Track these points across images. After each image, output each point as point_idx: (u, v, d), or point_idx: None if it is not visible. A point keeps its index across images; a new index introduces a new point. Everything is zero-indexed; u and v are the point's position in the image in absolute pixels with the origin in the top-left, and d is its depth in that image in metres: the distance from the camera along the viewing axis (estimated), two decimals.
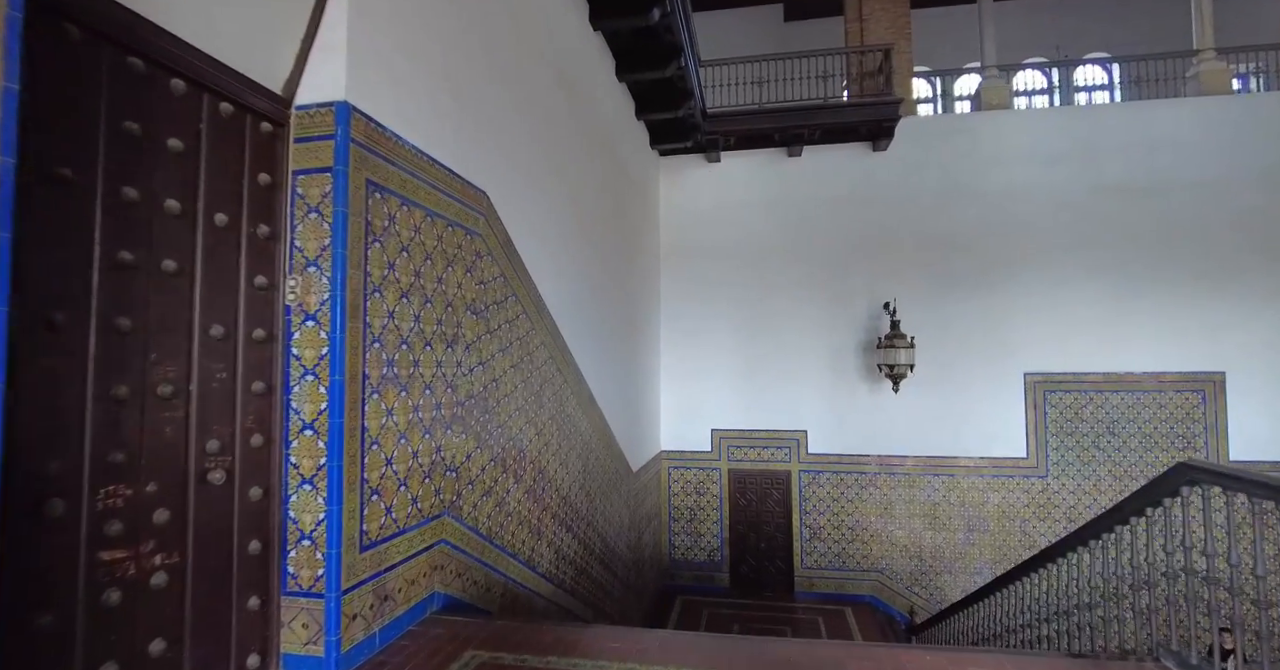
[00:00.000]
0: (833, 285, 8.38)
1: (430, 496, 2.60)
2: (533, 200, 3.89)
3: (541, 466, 3.87)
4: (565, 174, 4.57)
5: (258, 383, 2.02)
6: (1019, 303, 7.99)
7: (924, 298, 8.13)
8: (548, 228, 4.15)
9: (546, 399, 3.97)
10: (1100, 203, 7.88)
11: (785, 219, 8.53)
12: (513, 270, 3.46)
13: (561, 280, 4.44)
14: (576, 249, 4.84)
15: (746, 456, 8.46)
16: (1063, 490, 7.81)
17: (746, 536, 8.41)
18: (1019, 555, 7.82)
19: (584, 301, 5.06)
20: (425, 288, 2.58)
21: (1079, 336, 7.85)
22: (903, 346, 7.60)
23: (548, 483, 3.98)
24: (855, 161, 8.41)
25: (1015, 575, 4.38)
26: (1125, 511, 3.00)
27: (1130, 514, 2.96)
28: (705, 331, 8.63)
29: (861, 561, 8.15)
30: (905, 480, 8.11)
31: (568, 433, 4.41)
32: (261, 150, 2.07)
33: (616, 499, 5.92)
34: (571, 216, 4.72)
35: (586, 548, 4.86)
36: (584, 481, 4.79)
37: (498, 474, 3.24)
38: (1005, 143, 8.13)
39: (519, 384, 3.53)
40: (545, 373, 3.96)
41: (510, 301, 3.42)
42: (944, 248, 8.17)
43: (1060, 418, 7.86)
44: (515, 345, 3.48)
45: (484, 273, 3.11)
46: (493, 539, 3.18)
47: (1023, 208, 8.03)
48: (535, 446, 3.77)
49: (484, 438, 3.08)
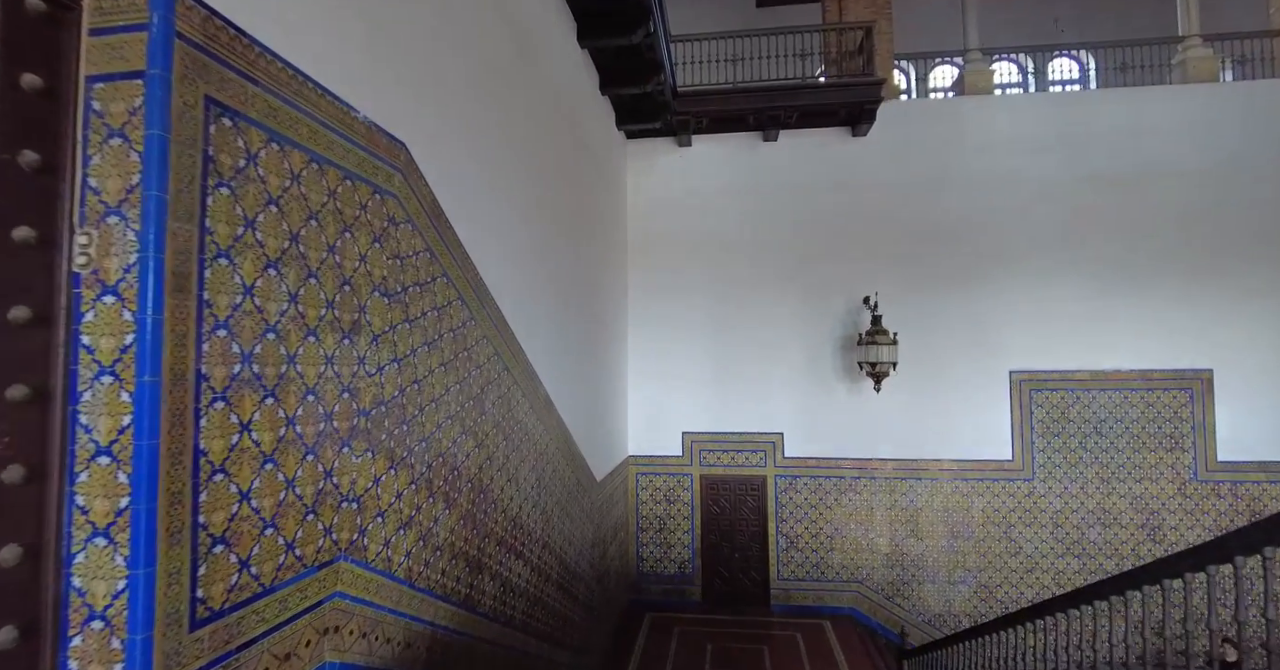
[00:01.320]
0: (810, 279, 7.89)
1: (316, 538, 1.94)
2: (473, 165, 3.23)
3: (483, 485, 3.21)
4: (516, 142, 3.92)
5: (17, 388, 1.34)
6: (1005, 297, 7.61)
7: (905, 292, 7.69)
8: (494, 201, 3.50)
9: (490, 403, 3.32)
10: (1087, 193, 7.55)
11: (760, 208, 8.00)
12: (443, 246, 2.80)
13: (512, 265, 3.79)
14: (532, 231, 4.20)
15: (720, 461, 7.91)
16: (1049, 494, 7.45)
17: (720, 546, 7.85)
18: (1004, 562, 7.45)
19: (541, 292, 4.41)
20: (308, 257, 1.92)
21: (1066, 332, 7.51)
22: (885, 343, 7.14)
23: (492, 503, 3.33)
24: (834, 147, 7.93)
25: (1041, 611, 3.71)
26: (1180, 564, 2.49)
27: (1187, 569, 2.46)
28: (676, 328, 8.05)
29: (841, 572, 7.67)
30: (886, 485, 7.65)
31: (518, 442, 3.76)
32: (27, 38, 1.38)
33: (578, 513, 5.29)
34: (525, 192, 4.07)
35: (542, 574, 4.21)
36: (539, 497, 4.14)
37: (421, 499, 2.58)
38: (990, 129, 7.74)
39: (452, 386, 2.87)
40: (489, 372, 3.31)
41: (440, 284, 2.76)
42: (927, 240, 7.75)
43: (1046, 417, 7.50)
44: (447, 339, 2.83)
45: (401, 245, 2.45)
46: (414, 581, 2.52)
47: (1008, 198, 7.66)
48: (475, 461, 3.12)
49: (401, 455, 2.42)
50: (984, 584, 7.47)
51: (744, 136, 8.01)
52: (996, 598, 7.45)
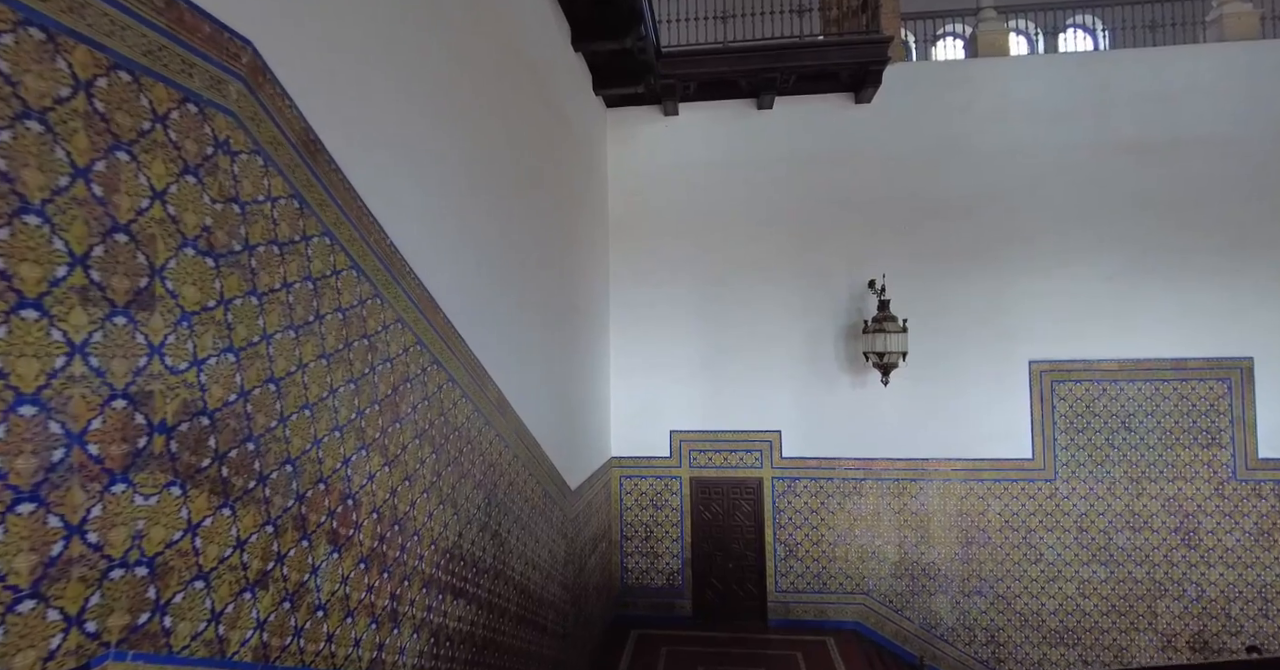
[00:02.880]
0: (809, 261, 7.16)
1: (45, 636, 1.20)
2: (386, 98, 2.48)
3: (398, 514, 2.48)
4: (456, 86, 3.16)
5: None
6: (1023, 280, 6.91)
7: (914, 275, 6.98)
8: (417, 150, 2.74)
9: (409, 408, 2.58)
10: (1112, 163, 6.83)
11: (754, 183, 7.26)
12: (324, 194, 2.05)
13: (449, 234, 3.05)
14: (481, 196, 3.45)
15: (711, 462, 7.20)
16: (1073, 495, 6.78)
17: (712, 556, 7.15)
18: (1024, 570, 6.79)
19: (494, 271, 3.67)
20: (23, 183, 1.17)
21: (1091, 318, 6.81)
22: (894, 330, 6.43)
23: (413, 536, 2.59)
24: (835, 115, 7.18)
25: None
26: None
27: None
28: (662, 316, 7.31)
29: (845, 582, 6.99)
30: (894, 487, 6.97)
31: (455, 454, 3.03)
32: None
33: (546, 529, 4.56)
34: (469, 148, 3.31)
35: (494, 610, 3.49)
36: (488, 519, 3.41)
37: (286, 544, 1.85)
38: (1007, 94, 7.01)
39: (343, 386, 2.13)
40: (406, 367, 2.57)
41: (317, 246, 2.02)
42: (937, 217, 7.03)
43: (1070, 411, 6.82)
44: (332, 322, 2.08)
45: (243, 185, 1.71)
46: (275, 660, 1.79)
47: (1026, 170, 6.94)
48: (384, 484, 2.38)
49: (241, 487, 1.68)
50: (1002, 594, 6.81)
51: (736, 104, 7.25)
52: (1015, 609, 6.79)
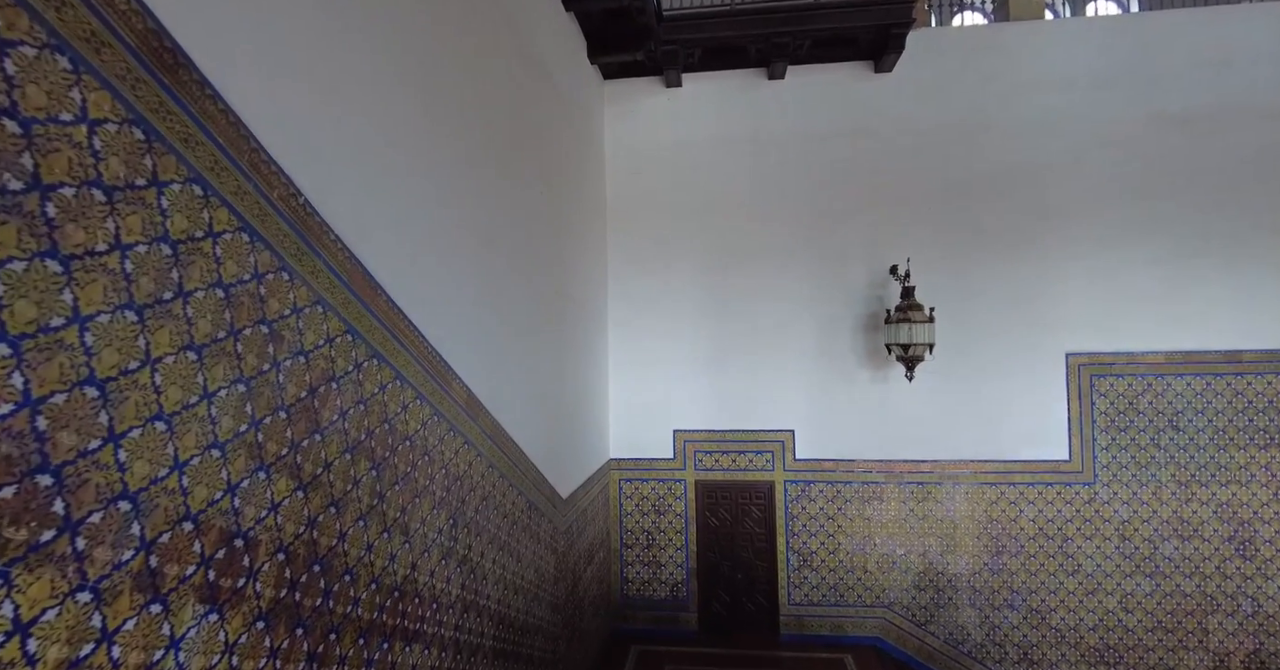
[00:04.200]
0: (825, 245, 6.57)
1: None
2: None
3: (319, 551, 1.93)
4: (410, 11, 2.59)
5: None
6: (1059, 265, 6.30)
7: (939, 261, 6.38)
8: (352, 82, 2.18)
9: (335, 415, 2.03)
10: (1159, 136, 6.21)
11: (764, 160, 6.66)
12: (192, 127, 1.49)
13: (399, 202, 2.49)
14: (444, 156, 2.88)
15: (718, 464, 6.64)
16: (1114, 500, 6.20)
17: (719, 566, 6.61)
18: (1060, 582, 6.21)
19: (465, 251, 3.11)
20: None
21: (1134, 306, 6.21)
22: (920, 320, 5.84)
23: (344, 576, 2.04)
24: (853, 85, 6.57)
25: None
26: None
27: None
28: (664, 307, 6.74)
29: (864, 594, 6.44)
30: (918, 491, 6.40)
31: (406, 469, 2.48)
32: None
33: (530, 545, 4.02)
34: (432, 101, 2.75)
35: (462, 649, 2.95)
36: (452, 543, 2.86)
37: (118, 615, 1.30)
38: (1041, 62, 6.38)
39: (225, 388, 1.57)
40: (331, 364, 2.02)
41: (177, 195, 1.45)
42: (964, 197, 6.42)
43: (1111, 409, 6.22)
44: (206, 302, 1.53)
45: (28, 94, 1.14)
46: None
47: (1064, 144, 6.32)
48: (292, 516, 1.82)
49: (20, 545, 1.13)
50: (1035, 608, 6.24)
51: (744, 74, 6.65)
52: (1051, 624, 6.22)
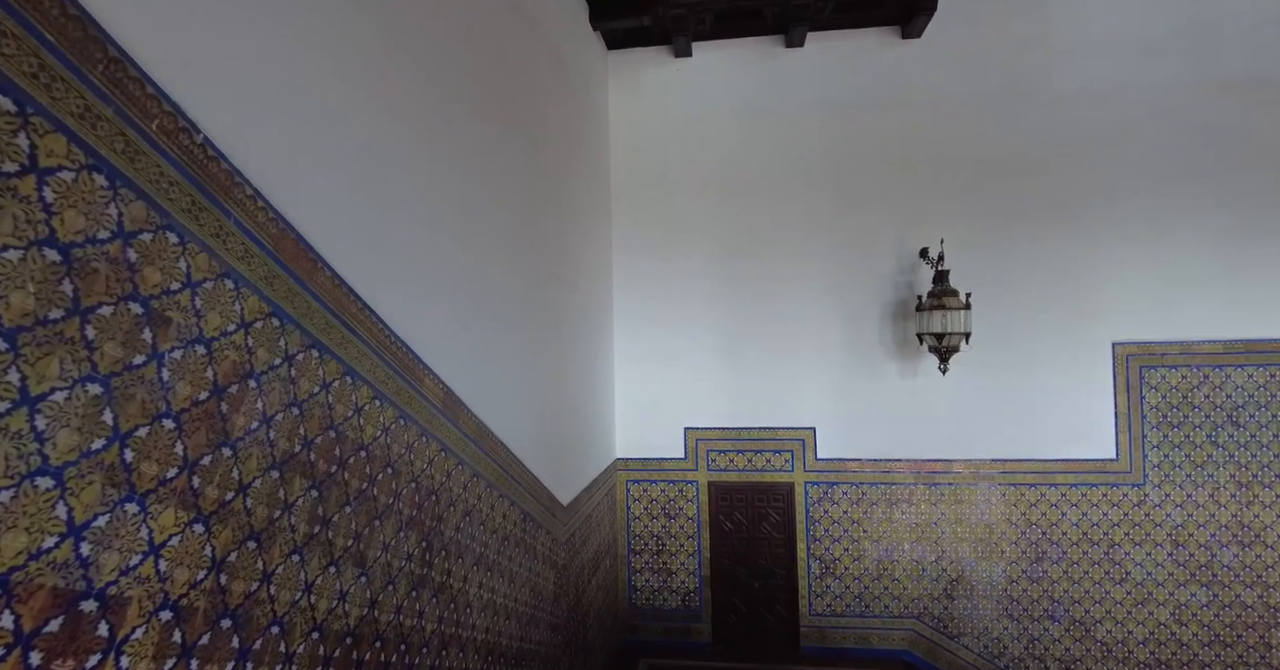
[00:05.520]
0: (848, 227, 6.06)
1: None
2: None
3: (233, 598, 1.47)
4: None
5: None
6: (1107, 247, 5.77)
7: (973, 244, 5.85)
8: None
9: (254, 421, 1.56)
10: (1219, 106, 5.65)
11: (781, 136, 6.15)
12: None
13: (346, 152, 2.01)
14: (409, 109, 2.40)
15: (733, 464, 6.17)
16: (1166, 503, 5.68)
17: (735, 573, 6.15)
18: (1106, 592, 5.71)
19: (447, 226, 2.64)
20: None
21: (1189, 291, 5.67)
22: (955, 307, 5.33)
23: (269, 627, 1.58)
24: (879, 53, 6.03)
25: None
26: None
27: None
28: (673, 296, 6.26)
29: (891, 604, 5.96)
30: (951, 493, 5.90)
31: (361, 486, 2.02)
32: None
33: (526, 561, 3.56)
34: (396, 24, 2.27)
35: None
36: (425, 570, 2.40)
37: None
38: (1087, 23, 5.82)
39: (64, 391, 1.11)
40: (247, 355, 1.55)
41: None
42: (1002, 173, 5.89)
43: (1163, 404, 5.70)
44: (21, 269, 1.06)
45: None
46: None
47: (1112, 115, 5.77)
48: (185, 557, 1.36)
49: None
50: (1079, 619, 5.75)
51: (759, 42, 6.13)
52: (1096, 637, 5.73)
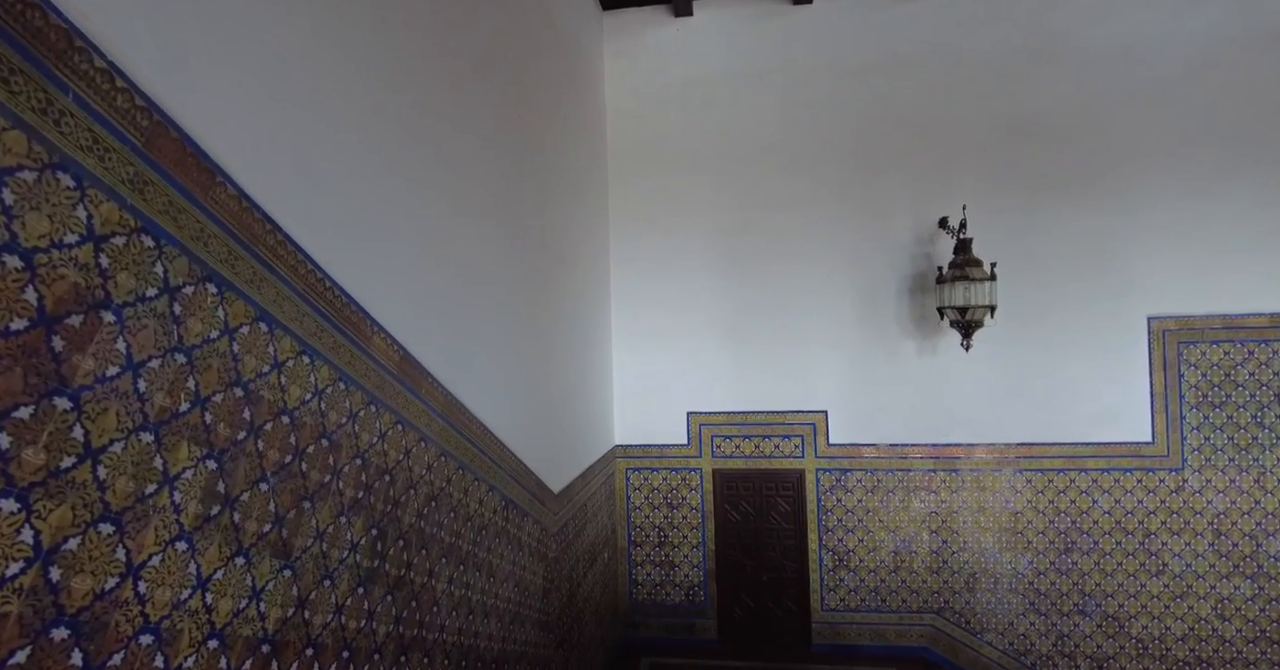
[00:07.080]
0: (861, 198, 5.65)
1: None
2: None
3: (72, 605, 1.09)
4: None
5: None
6: (1141, 214, 5.34)
7: (996, 212, 5.44)
8: None
9: (104, 362, 1.19)
10: (1265, 60, 5.20)
11: (788, 100, 5.74)
12: None
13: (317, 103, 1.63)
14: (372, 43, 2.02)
15: (739, 451, 5.80)
16: (1207, 489, 5.28)
17: (741, 566, 5.78)
18: (1140, 584, 5.33)
19: (408, 173, 2.26)
20: None
21: (1232, 261, 5.24)
22: (980, 278, 4.92)
23: (127, 643, 1.21)
24: (893, 10, 5.61)
25: None
26: None
27: None
28: (675, 271, 5.87)
29: (909, 598, 5.59)
30: (974, 479, 5.52)
31: (282, 459, 1.65)
32: None
33: (510, 553, 3.20)
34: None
35: None
36: (378, 563, 2.04)
37: None
38: None
39: None
40: (98, 280, 1.18)
41: None
42: (1028, 137, 5.46)
43: (1203, 382, 5.29)
44: None
45: None
46: None
47: (1147, 74, 5.33)
48: None
49: None
50: (1112, 614, 5.37)
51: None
52: (1131, 633, 5.35)
